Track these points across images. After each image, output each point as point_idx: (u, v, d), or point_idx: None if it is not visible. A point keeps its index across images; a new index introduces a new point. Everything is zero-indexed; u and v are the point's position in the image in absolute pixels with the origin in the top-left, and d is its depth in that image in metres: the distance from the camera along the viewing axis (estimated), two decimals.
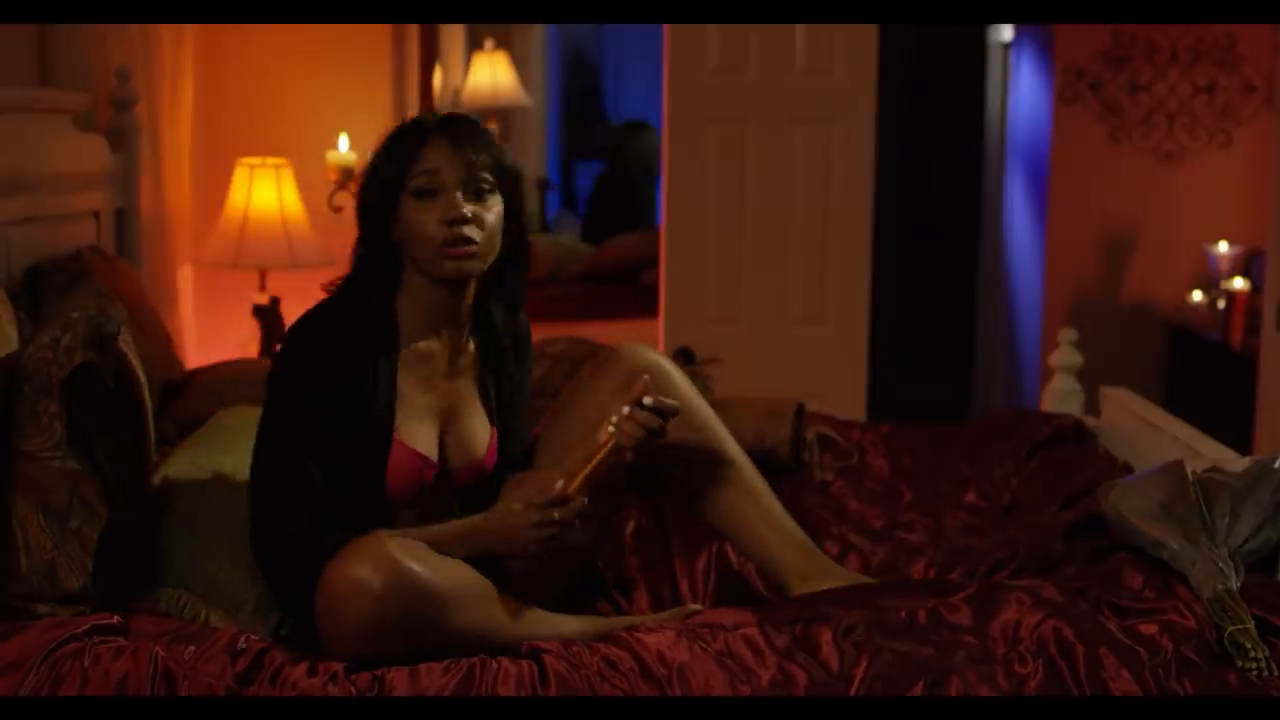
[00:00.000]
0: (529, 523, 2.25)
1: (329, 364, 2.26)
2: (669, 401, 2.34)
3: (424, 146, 2.30)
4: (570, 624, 2.28)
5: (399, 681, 1.98)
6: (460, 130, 2.33)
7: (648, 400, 2.32)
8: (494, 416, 2.47)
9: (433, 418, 2.39)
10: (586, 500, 2.27)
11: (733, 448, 2.57)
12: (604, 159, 7.73)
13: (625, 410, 2.32)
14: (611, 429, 2.32)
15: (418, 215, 2.29)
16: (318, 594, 2.12)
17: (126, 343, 2.41)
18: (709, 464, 2.53)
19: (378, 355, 2.31)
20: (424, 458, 2.35)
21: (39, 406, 2.23)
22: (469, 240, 2.29)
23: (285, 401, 2.28)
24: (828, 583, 2.43)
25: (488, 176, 2.32)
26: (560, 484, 2.26)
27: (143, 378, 2.46)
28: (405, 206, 2.31)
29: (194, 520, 2.43)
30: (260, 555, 2.30)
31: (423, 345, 2.38)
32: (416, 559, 2.10)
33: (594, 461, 2.31)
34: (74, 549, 2.24)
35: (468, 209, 2.29)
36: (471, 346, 2.45)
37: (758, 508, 2.53)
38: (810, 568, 2.47)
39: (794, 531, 2.53)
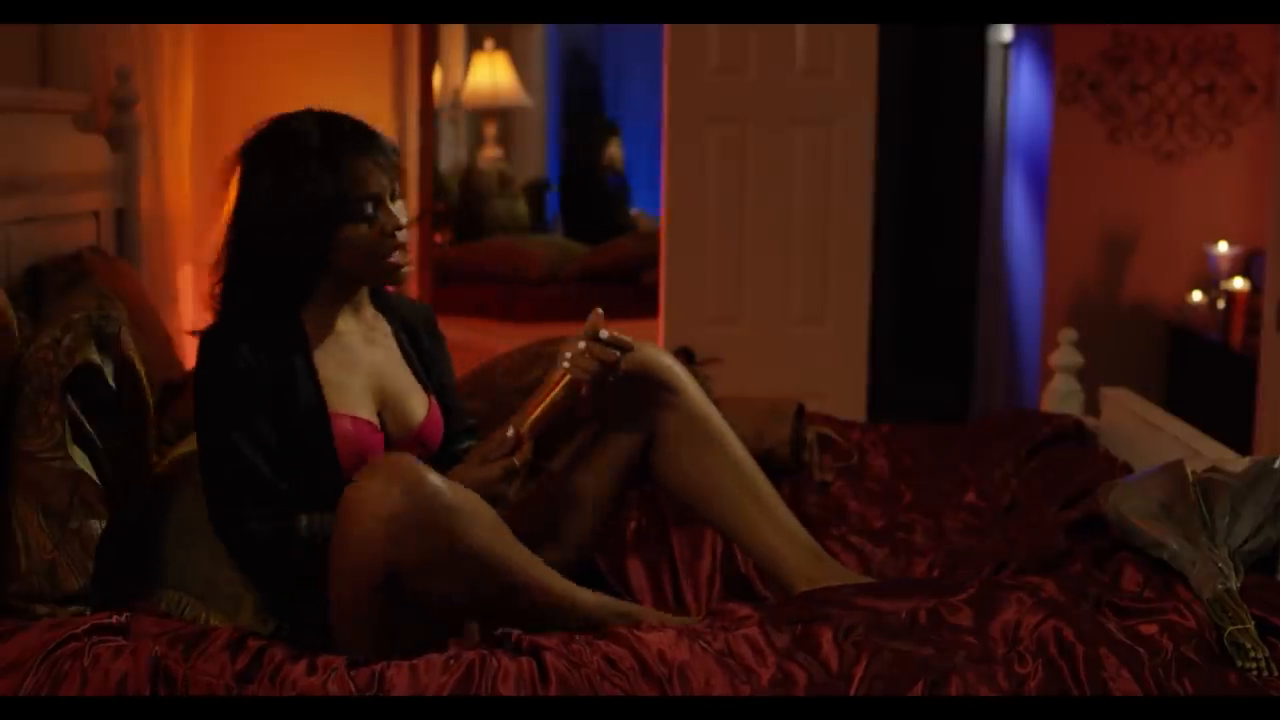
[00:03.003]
0: (485, 476, 2.29)
1: (248, 367, 2.26)
2: (624, 337, 2.38)
3: (354, 163, 2.31)
4: (584, 593, 2.26)
5: (398, 679, 1.98)
6: (369, 139, 2.35)
7: (604, 334, 2.35)
8: (427, 387, 2.49)
9: (367, 394, 2.40)
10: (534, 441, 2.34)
11: (739, 451, 2.56)
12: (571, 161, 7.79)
13: (580, 345, 2.35)
14: (566, 364, 2.35)
15: (360, 233, 2.31)
16: (338, 512, 2.12)
17: (127, 342, 2.42)
18: (715, 467, 2.53)
19: (291, 355, 2.32)
20: (367, 422, 2.36)
21: (39, 407, 2.23)
22: (406, 247, 2.36)
23: (216, 404, 2.26)
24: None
25: (397, 183, 2.38)
26: (511, 431, 2.32)
27: (145, 377, 2.46)
28: (343, 226, 2.31)
29: (194, 521, 2.43)
30: (232, 554, 2.30)
31: (332, 333, 2.39)
32: (434, 474, 2.13)
33: (549, 398, 2.35)
34: (74, 549, 2.24)
35: (401, 217, 2.35)
36: (385, 324, 2.49)
37: (764, 511, 2.53)
38: (817, 572, 2.47)
39: (800, 535, 2.53)
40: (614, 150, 7.84)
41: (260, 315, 2.34)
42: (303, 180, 2.29)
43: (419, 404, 2.45)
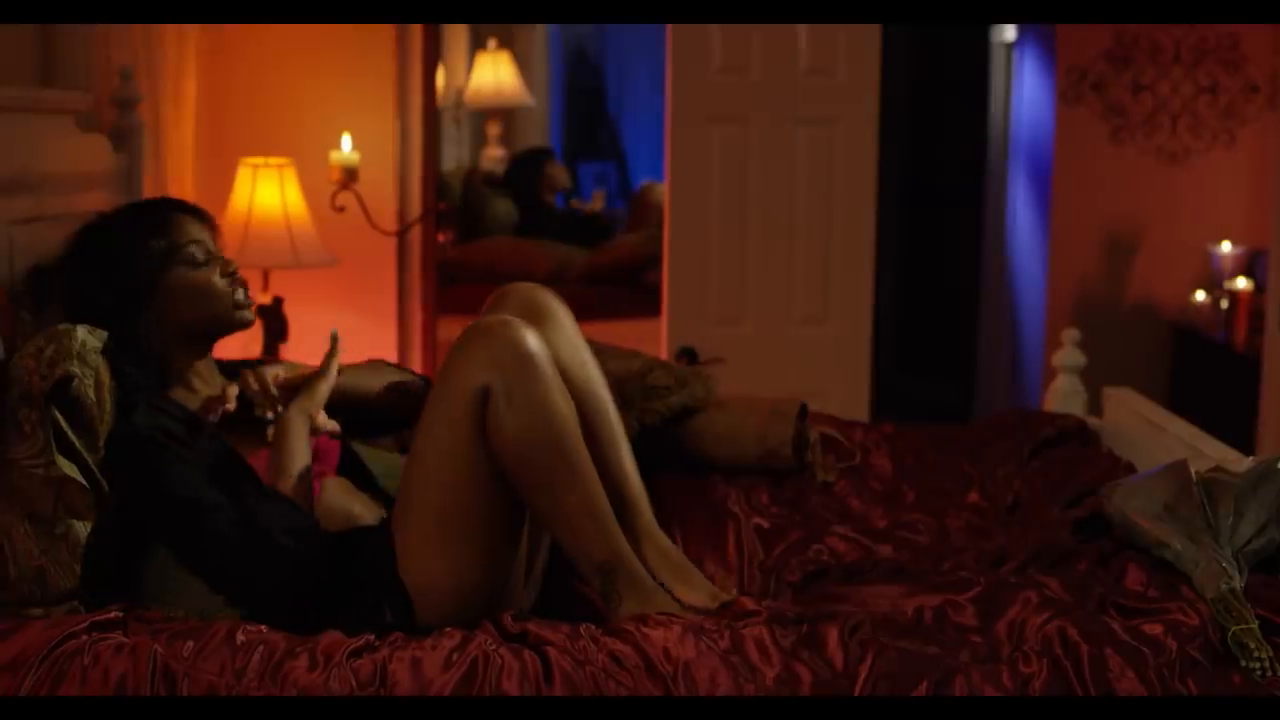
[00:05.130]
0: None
1: (180, 459, 2.32)
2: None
3: (176, 219, 2.50)
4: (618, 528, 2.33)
5: (401, 674, 1.98)
6: (186, 204, 2.58)
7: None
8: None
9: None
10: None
11: (606, 402, 2.61)
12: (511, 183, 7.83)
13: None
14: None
15: (200, 276, 2.49)
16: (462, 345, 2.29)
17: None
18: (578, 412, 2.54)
19: (181, 420, 2.39)
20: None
21: (21, 415, 2.24)
22: (247, 287, 2.56)
23: (185, 509, 2.30)
24: (646, 543, 2.47)
25: (218, 240, 2.60)
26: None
27: None
28: (175, 277, 2.47)
29: None
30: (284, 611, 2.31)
31: (195, 393, 2.52)
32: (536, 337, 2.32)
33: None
34: (61, 554, 2.24)
35: (234, 264, 2.54)
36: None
37: (614, 455, 2.57)
38: (636, 525, 2.51)
39: (633, 489, 2.56)
40: (553, 173, 7.83)
41: (130, 389, 2.40)
42: (134, 241, 2.47)
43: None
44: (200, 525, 2.28)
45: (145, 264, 2.44)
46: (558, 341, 2.57)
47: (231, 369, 2.69)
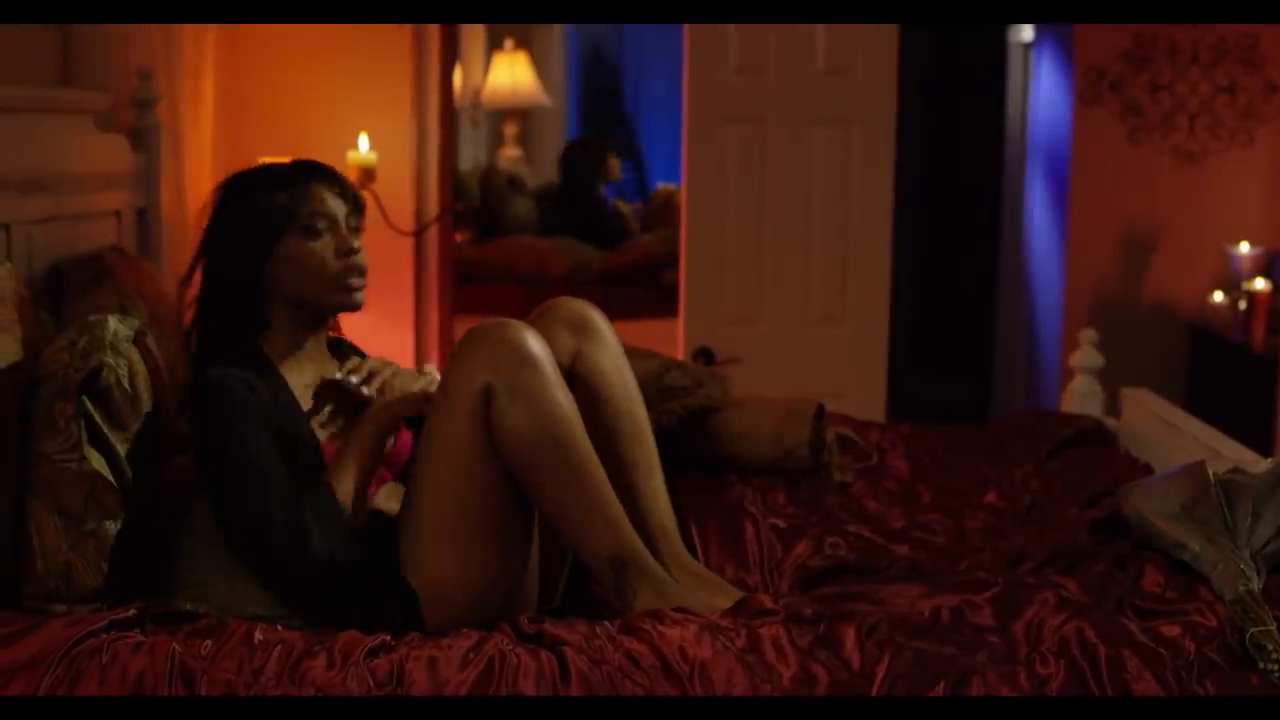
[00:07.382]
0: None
1: (261, 401, 2.31)
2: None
3: (309, 187, 2.40)
4: (627, 521, 2.31)
5: (418, 674, 1.99)
6: (334, 174, 2.47)
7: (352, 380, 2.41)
8: None
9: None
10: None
11: (642, 423, 2.60)
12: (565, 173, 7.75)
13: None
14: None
15: (309, 249, 2.39)
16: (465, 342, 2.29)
17: (151, 343, 2.42)
18: (613, 433, 2.55)
19: (269, 383, 2.37)
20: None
21: (55, 409, 2.24)
22: (363, 272, 2.43)
23: (243, 467, 2.27)
24: (676, 570, 2.46)
25: (359, 218, 2.47)
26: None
27: (163, 379, 2.47)
28: (288, 243, 2.39)
29: (213, 528, 2.42)
30: (316, 597, 2.30)
31: (295, 362, 2.46)
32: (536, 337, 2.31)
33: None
34: (89, 551, 2.24)
35: (356, 243, 2.43)
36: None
37: (648, 484, 2.57)
38: (663, 554, 2.49)
39: (662, 518, 2.56)
40: (612, 164, 7.78)
41: (228, 347, 2.39)
42: (257, 197, 2.40)
43: None
44: (247, 492, 2.26)
45: (263, 221, 2.38)
46: (600, 356, 2.56)
47: (340, 348, 2.62)
